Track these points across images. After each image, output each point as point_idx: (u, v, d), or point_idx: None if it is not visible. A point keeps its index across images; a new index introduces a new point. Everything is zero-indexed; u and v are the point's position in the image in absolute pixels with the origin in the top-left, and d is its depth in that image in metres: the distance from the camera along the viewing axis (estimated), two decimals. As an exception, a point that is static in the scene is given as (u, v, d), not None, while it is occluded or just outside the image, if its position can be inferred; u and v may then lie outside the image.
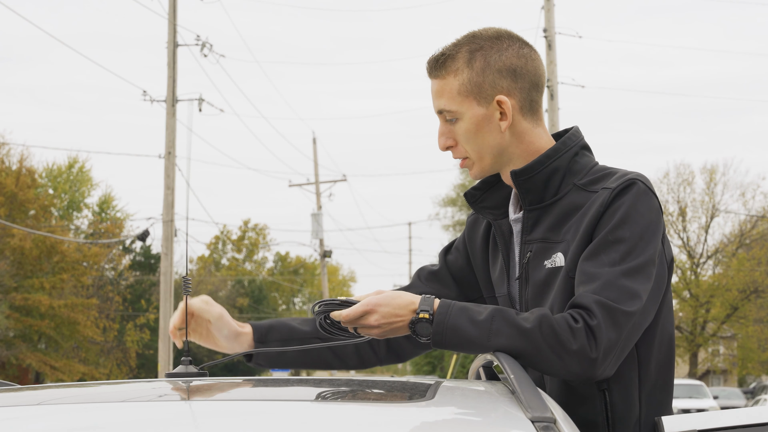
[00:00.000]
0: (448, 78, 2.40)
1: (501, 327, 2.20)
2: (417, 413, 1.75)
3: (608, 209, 2.30)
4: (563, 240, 2.35)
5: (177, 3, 25.18)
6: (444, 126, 2.43)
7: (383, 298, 2.28)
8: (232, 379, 2.27)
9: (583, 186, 2.37)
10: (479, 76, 2.38)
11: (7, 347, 35.47)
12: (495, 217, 2.51)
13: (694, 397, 26.97)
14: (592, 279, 2.24)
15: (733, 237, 42.95)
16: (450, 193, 49.14)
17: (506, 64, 2.40)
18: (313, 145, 41.07)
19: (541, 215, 2.40)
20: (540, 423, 1.69)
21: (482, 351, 2.24)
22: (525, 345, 2.19)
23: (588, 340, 2.18)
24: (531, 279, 2.39)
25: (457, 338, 2.23)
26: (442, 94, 2.40)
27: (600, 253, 2.27)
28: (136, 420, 1.70)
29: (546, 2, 24.72)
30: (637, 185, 2.31)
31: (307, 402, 1.89)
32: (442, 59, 2.41)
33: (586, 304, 2.21)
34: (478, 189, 2.52)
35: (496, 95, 2.38)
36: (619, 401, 2.32)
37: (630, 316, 2.22)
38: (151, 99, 25.32)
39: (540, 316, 2.21)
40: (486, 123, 2.39)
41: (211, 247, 60.93)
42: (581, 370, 2.20)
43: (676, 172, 42.67)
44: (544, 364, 2.21)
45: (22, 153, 37.32)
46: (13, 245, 34.81)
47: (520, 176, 2.39)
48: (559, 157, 2.39)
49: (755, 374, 46.61)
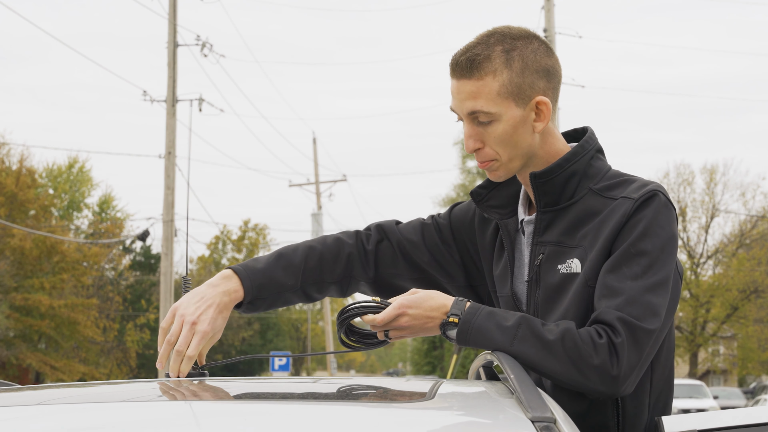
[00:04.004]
0: (486, 79, 2.33)
1: (526, 335, 2.21)
2: (417, 413, 1.75)
3: (630, 220, 2.28)
4: (579, 246, 2.33)
5: (177, 3, 25.18)
6: (473, 128, 2.37)
7: (415, 300, 2.29)
8: (232, 379, 2.27)
9: (599, 191, 2.36)
10: (519, 77, 2.34)
11: (7, 347, 35.46)
12: (501, 216, 2.49)
13: (694, 397, 26.97)
14: (614, 294, 2.23)
15: (733, 237, 42.95)
16: (450, 193, 49.06)
17: (541, 64, 2.36)
18: (313, 145, 41.07)
19: (555, 218, 2.38)
20: (540, 423, 1.69)
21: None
22: (546, 356, 2.20)
23: (610, 356, 2.19)
24: (543, 282, 2.37)
25: (481, 339, 2.24)
26: (478, 96, 2.33)
27: (622, 266, 2.25)
28: (136, 420, 1.70)
29: (546, 2, 24.72)
30: (659, 197, 2.30)
31: (307, 402, 1.89)
32: (478, 60, 2.33)
33: (609, 321, 2.20)
34: (484, 188, 2.50)
35: (535, 96, 2.35)
36: (631, 407, 2.33)
37: (651, 334, 2.22)
38: (151, 99, 25.32)
39: (564, 329, 2.21)
40: (522, 125, 2.35)
41: (211, 247, 60.91)
42: (602, 386, 2.20)
43: (676, 172, 42.69)
44: (565, 377, 2.21)
45: (22, 153, 37.34)
46: (13, 245, 34.80)
47: (540, 179, 2.37)
48: (577, 161, 2.38)
49: (755, 374, 46.59)
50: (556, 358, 2.20)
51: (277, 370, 29.67)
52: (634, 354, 2.20)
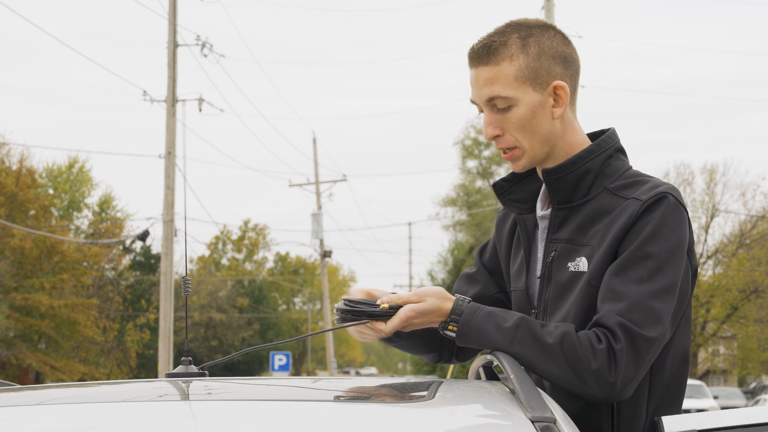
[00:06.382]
0: (503, 64, 2.35)
1: (525, 337, 2.21)
2: (417, 413, 1.75)
3: (637, 222, 2.27)
4: (588, 244, 2.33)
5: (177, 3, 25.17)
6: (492, 115, 2.38)
7: (421, 310, 2.29)
8: (232, 379, 2.27)
9: (614, 190, 2.35)
10: (536, 62, 2.35)
11: (7, 347, 35.46)
12: (521, 210, 2.49)
13: (694, 397, 26.93)
14: (618, 298, 2.22)
15: (733, 237, 42.92)
16: (450, 193, 49.09)
17: (558, 50, 2.38)
18: (313, 144, 41.06)
19: (569, 215, 2.38)
20: (540, 423, 1.69)
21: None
22: (545, 359, 2.20)
23: (609, 362, 2.18)
24: (553, 279, 2.38)
25: (480, 340, 2.26)
26: (495, 81, 2.35)
27: (627, 269, 2.24)
28: (136, 420, 1.70)
29: (546, 2, 24.71)
30: (668, 199, 2.28)
31: (306, 402, 1.89)
32: (494, 45, 2.35)
33: (610, 326, 2.19)
34: (507, 181, 2.51)
35: (552, 81, 2.36)
36: (626, 409, 2.31)
37: (652, 342, 2.21)
38: (151, 99, 25.33)
39: (564, 332, 2.20)
40: (540, 110, 2.36)
41: (211, 247, 60.93)
42: (599, 391, 2.19)
43: (676, 171, 42.65)
44: (563, 381, 2.21)
45: (22, 153, 37.34)
46: (13, 245, 34.81)
47: (551, 175, 2.37)
48: (592, 159, 2.37)
49: (755, 374, 46.58)
50: (554, 361, 2.19)
51: (277, 370, 29.67)
52: (633, 361, 2.19)
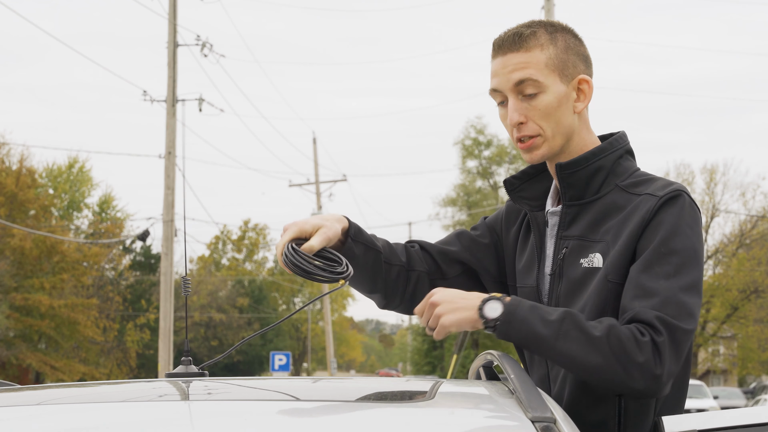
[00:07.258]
0: (534, 51, 2.40)
1: (570, 330, 2.20)
2: (417, 413, 1.75)
3: (654, 218, 2.29)
4: (602, 240, 2.35)
5: (177, 3, 25.18)
6: (517, 102, 2.41)
7: (447, 294, 2.30)
8: (232, 379, 2.27)
9: (625, 188, 2.38)
10: (564, 54, 2.42)
11: (7, 347, 35.47)
12: (531, 208, 2.53)
13: (694, 397, 26.94)
14: (649, 294, 2.22)
15: (733, 237, 42.95)
16: (450, 193, 49.07)
17: (580, 50, 2.45)
18: (313, 145, 41.09)
19: (580, 212, 2.41)
20: (540, 423, 1.68)
21: (547, 351, 2.23)
22: (592, 352, 2.18)
23: (654, 355, 2.18)
24: (565, 276, 2.39)
25: (525, 330, 2.22)
26: (528, 65, 2.39)
27: (654, 266, 2.25)
28: (136, 420, 1.70)
29: (546, 2, 24.71)
30: (683, 197, 2.31)
31: (306, 402, 1.89)
32: (525, 35, 2.41)
33: (649, 320, 2.20)
34: (517, 178, 2.55)
35: (577, 75, 2.42)
36: (633, 408, 2.31)
37: (689, 335, 2.22)
38: (151, 99, 25.33)
39: (609, 325, 2.20)
40: (565, 101, 2.41)
41: (211, 247, 60.94)
42: (644, 384, 2.18)
43: (676, 171, 42.67)
44: (608, 375, 2.19)
45: (22, 153, 37.37)
46: (13, 245, 34.82)
47: (565, 169, 2.40)
48: (605, 157, 2.41)
49: (755, 374, 46.61)
50: (600, 353, 2.18)
51: (277, 370, 29.68)
52: (675, 354, 2.19)
